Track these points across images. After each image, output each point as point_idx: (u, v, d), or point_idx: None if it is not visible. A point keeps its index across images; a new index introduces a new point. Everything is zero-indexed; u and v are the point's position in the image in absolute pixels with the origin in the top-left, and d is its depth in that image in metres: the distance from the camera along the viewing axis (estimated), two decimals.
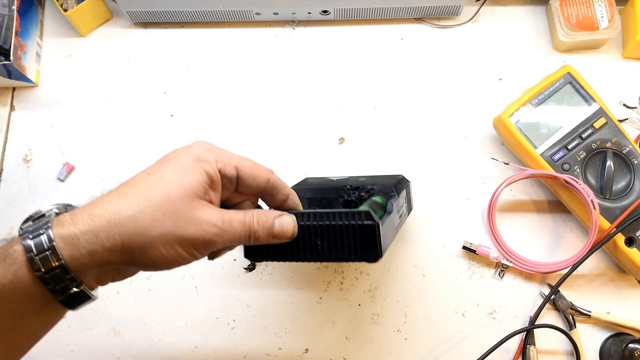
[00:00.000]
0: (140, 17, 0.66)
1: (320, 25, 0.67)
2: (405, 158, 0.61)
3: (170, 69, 0.66)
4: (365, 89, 0.64)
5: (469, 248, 0.57)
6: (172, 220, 0.34)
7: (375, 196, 0.47)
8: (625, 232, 0.54)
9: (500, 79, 0.64)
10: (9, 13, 0.61)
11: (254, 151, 0.62)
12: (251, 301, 0.57)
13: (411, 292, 0.57)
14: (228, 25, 0.67)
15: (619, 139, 0.56)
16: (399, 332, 0.56)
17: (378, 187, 0.49)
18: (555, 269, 0.55)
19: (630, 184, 0.55)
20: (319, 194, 0.50)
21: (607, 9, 0.61)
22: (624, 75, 0.63)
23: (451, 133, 0.62)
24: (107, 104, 0.65)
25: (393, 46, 0.66)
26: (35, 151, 0.63)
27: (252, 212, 0.39)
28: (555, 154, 0.56)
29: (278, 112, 0.64)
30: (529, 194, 0.60)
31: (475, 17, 0.66)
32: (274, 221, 0.39)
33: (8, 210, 0.61)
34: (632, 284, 0.57)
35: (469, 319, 0.57)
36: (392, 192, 0.48)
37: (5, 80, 0.62)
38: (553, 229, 0.59)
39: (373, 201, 0.46)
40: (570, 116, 0.56)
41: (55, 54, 0.67)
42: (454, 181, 0.61)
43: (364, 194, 0.49)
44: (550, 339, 0.55)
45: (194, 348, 0.57)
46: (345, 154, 0.62)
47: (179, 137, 0.63)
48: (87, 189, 0.61)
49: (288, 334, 0.56)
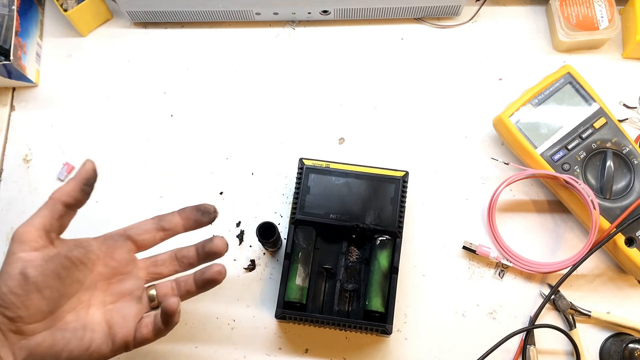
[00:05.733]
0: (140, 17, 0.66)
1: (320, 25, 0.67)
2: (405, 158, 0.61)
3: (170, 69, 0.66)
4: (365, 89, 0.64)
5: (469, 248, 0.57)
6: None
7: (381, 253, 0.53)
8: (625, 232, 0.54)
9: (500, 79, 0.64)
10: (9, 13, 0.61)
11: (254, 151, 0.62)
12: (251, 301, 0.57)
13: (411, 292, 0.57)
14: (228, 25, 0.67)
15: (619, 139, 0.56)
16: (399, 332, 0.56)
17: (382, 226, 0.54)
18: (555, 269, 0.55)
19: (630, 184, 0.55)
20: (324, 232, 0.55)
21: (607, 9, 0.61)
22: (624, 75, 0.63)
23: (451, 133, 0.62)
24: (107, 104, 0.65)
25: (393, 46, 0.66)
26: (35, 151, 0.63)
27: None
28: (555, 154, 0.56)
29: (278, 112, 0.64)
30: (529, 194, 0.60)
31: (475, 17, 0.66)
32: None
33: (8, 210, 0.61)
34: (632, 284, 0.57)
35: (469, 319, 0.57)
36: (397, 235, 0.54)
37: (5, 80, 0.62)
38: (553, 229, 0.59)
39: (380, 266, 0.53)
40: (570, 116, 0.56)
41: (55, 54, 0.67)
42: (454, 181, 0.61)
43: (369, 233, 0.54)
44: (550, 339, 0.55)
45: (193, 348, 0.57)
46: (345, 154, 0.62)
47: (179, 137, 0.63)
48: None
49: (288, 334, 0.56)
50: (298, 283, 0.53)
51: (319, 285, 0.55)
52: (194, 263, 0.49)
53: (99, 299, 0.46)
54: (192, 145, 0.63)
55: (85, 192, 0.44)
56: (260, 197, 0.61)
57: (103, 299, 0.46)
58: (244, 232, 0.60)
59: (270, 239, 0.54)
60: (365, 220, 0.54)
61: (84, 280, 0.45)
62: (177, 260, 0.49)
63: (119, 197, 0.61)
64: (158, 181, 0.62)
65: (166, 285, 0.48)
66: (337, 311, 0.54)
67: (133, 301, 0.46)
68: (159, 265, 0.48)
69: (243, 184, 0.61)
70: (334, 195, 0.55)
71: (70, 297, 0.44)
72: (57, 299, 0.42)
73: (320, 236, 0.55)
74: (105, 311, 0.46)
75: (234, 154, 0.62)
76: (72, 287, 0.43)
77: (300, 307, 0.53)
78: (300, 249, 0.54)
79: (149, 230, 0.47)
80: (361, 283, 0.54)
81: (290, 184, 0.61)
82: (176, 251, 0.49)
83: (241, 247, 0.59)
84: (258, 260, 0.59)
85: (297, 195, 0.55)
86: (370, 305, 0.52)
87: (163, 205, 0.61)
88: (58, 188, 0.44)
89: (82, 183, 0.43)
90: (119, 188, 0.61)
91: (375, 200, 0.54)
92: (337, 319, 0.52)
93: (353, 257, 0.55)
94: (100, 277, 0.46)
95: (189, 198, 0.61)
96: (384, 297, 0.52)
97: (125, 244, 0.47)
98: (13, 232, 0.42)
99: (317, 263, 0.55)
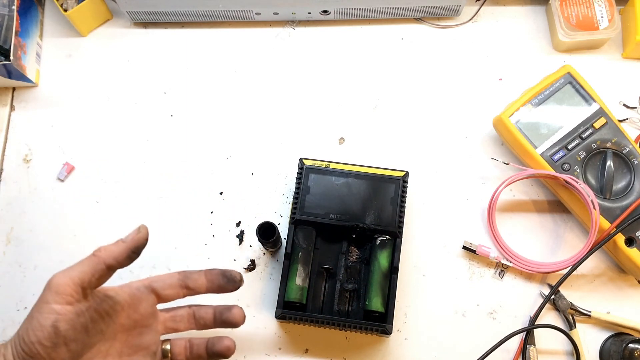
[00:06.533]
0: (140, 17, 0.66)
1: (320, 25, 0.67)
2: (405, 158, 0.61)
3: (170, 69, 0.66)
4: (365, 89, 0.64)
5: (469, 248, 0.57)
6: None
7: (381, 253, 0.53)
8: (625, 232, 0.54)
9: (500, 79, 0.64)
10: (9, 13, 0.61)
11: (254, 151, 0.62)
12: (251, 301, 0.57)
13: (411, 292, 0.57)
14: (228, 25, 0.67)
15: (619, 139, 0.56)
16: (399, 332, 0.56)
17: (382, 226, 0.54)
18: (555, 269, 0.55)
19: (630, 184, 0.55)
20: (324, 232, 0.55)
21: (607, 9, 0.61)
22: (624, 75, 0.63)
23: (451, 133, 0.62)
24: (107, 104, 0.65)
25: (393, 46, 0.66)
26: (35, 151, 0.63)
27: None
28: (555, 154, 0.56)
29: (278, 112, 0.64)
30: (529, 194, 0.60)
31: (475, 17, 0.66)
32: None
33: (8, 210, 0.61)
34: (632, 284, 0.57)
35: (469, 319, 0.57)
36: (397, 235, 0.54)
37: (5, 80, 0.62)
38: (553, 229, 0.59)
39: (380, 266, 0.53)
40: (570, 116, 0.56)
41: (55, 54, 0.67)
42: (454, 181, 0.61)
43: (369, 233, 0.54)
44: (550, 339, 0.55)
45: None
46: (345, 154, 0.62)
47: (179, 137, 0.63)
48: (87, 189, 0.61)
49: (288, 334, 0.56)
50: (298, 283, 0.53)
51: (319, 285, 0.55)
52: (210, 325, 0.49)
53: (117, 350, 0.46)
54: (192, 145, 0.63)
55: (131, 258, 0.43)
56: (260, 197, 0.61)
57: (120, 350, 0.46)
58: (244, 232, 0.60)
59: (270, 239, 0.54)
60: (365, 220, 0.54)
61: (107, 330, 0.45)
62: (194, 320, 0.49)
63: (119, 197, 0.61)
64: (158, 181, 0.62)
65: (181, 344, 0.49)
66: (337, 311, 0.54)
67: (148, 356, 0.47)
68: (177, 322, 0.49)
69: (243, 184, 0.61)
70: (334, 195, 0.55)
71: (92, 347, 0.44)
72: (80, 351, 0.42)
73: (320, 236, 0.55)
74: None
75: (234, 154, 0.62)
76: (95, 337, 0.44)
77: (300, 307, 0.53)
78: (300, 249, 0.54)
79: (173, 286, 0.48)
80: (361, 283, 0.54)
81: (290, 184, 0.61)
82: (195, 310, 0.50)
83: (241, 247, 0.59)
84: (258, 260, 0.59)
85: (297, 195, 0.55)
86: (370, 305, 0.52)
87: (163, 205, 0.61)
88: (105, 247, 0.43)
89: (132, 250, 0.43)
90: (119, 188, 0.61)
91: (375, 200, 0.54)
92: (337, 319, 0.52)
93: (353, 257, 0.55)
94: (122, 328, 0.46)
95: (189, 198, 0.61)
96: (384, 297, 0.52)
97: (149, 297, 0.47)
98: (49, 280, 0.41)
99: (317, 263, 0.55)
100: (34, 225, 0.60)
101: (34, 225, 0.60)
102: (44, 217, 0.60)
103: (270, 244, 0.55)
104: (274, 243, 0.55)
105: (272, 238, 0.54)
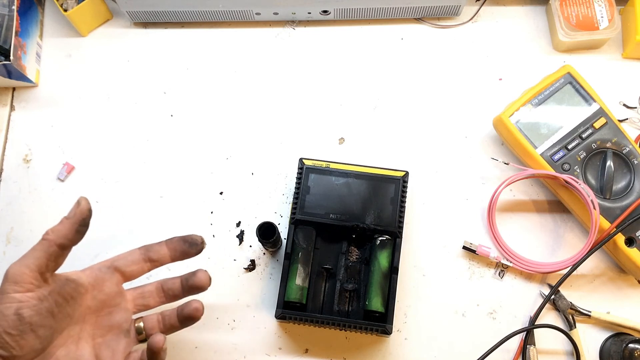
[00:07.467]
0: (140, 17, 0.66)
1: (320, 25, 0.67)
2: (405, 158, 0.61)
3: (170, 69, 0.66)
4: (365, 89, 0.64)
5: (469, 248, 0.57)
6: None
7: (381, 253, 0.53)
8: (625, 232, 0.54)
9: (500, 79, 0.64)
10: (9, 13, 0.61)
11: (254, 151, 0.62)
12: (251, 301, 0.57)
13: (411, 292, 0.57)
14: (228, 25, 0.67)
15: (619, 139, 0.56)
16: (399, 332, 0.56)
17: (382, 226, 0.54)
18: (555, 269, 0.55)
19: (630, 184, 0.55)
20: (323, 231, 0.55)
21: (607, 9, 0.61)
22: (624, 75, 0.63)
23: (451, 133, 0.62)
24: (107, 104, 0.65)
25: (393, 46, 0.66)
26: (35, 151, 0.63)
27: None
28: (555, 154, 0.56)
29: (278, 112, 0.64)
30: (529, 194, 0.60)
31: (475, 17, 0.66)
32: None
33: (8, 210, 0.61)
34: (632, 284, 0.57)
35: (469, 319, 0.57)
36: (397, 235, 0.54)
37: (5, 80, 0.62)
38: (553, 229, 0.59)
39: (380, 266, 0.53)
40: (570, 116, 0.56)
41: (55, 54, 0.67)
42: (454, 181, 0.61)
43: (369, 233, 0.54)
44: (550, 339, 0.55)
45: (193, 348, 0.57)
46: (345, 154, 0.62)
47: (179, 137, 0.63)
48: (87, 189, 0.61)
49: (288, 334, 0.56)
50: (298, 283, 0.53)
51: (319, 285, 0.55)
52: (179, 295, 0.49)
53: (88, 333, 0.46)
54: (192, 145, 0.63)
55: (80, 232, 0.43)
56: (260, 197, 0.61)
57: (92, 333, 0.46)
58: (244, 232, 0.60)
59: (270, 239, 0.54)
60: (365, 220, 0.54)
61: (74, 314, 0.45)
62: (163, 292, 0.49)
63: (119, 197, 0.61)
64: (158, 181, 0.62)
65: (153, 318, 0.49)
66: (337, 311, 0.54)
67: (121, 335, 0.47)
68: (146, 297, 0.49)
69: (243, 184, 0.61)
70: (334, 195, 0.55)
71: (61, 331, 0.44)
72: (49, 336, 0.42)
73: (320, 236, 0.55)
74: (94, 345, 0.46)
75: (234, 154, 0.62)
76: (63, 322, 0.44)
77: (300, 307, 0.53)
78: (300, 249, 0.54)
79: (136, 261, 0.48)
80: (361, 283, 0.54)
81: (290, 184, 0.61)
82: (162, 282, 0.50)
83: (241, 247, 0.59)
84: (258, 260, 0.59)
85: (297, 195, 0.55)
86: (370, 305, 0.52)
87: (163, 205, 0.61)
88: (52, 228, 0.43)
89: (78, 224, 0.43)
90: (119, 188, 0.61)
91: (375, 200, 0.54)
92: (337, 319, 0.52)
93: (353, 257, 0.55)
94: (89, 310, 0.46)
95: (189, 198, 0.61)
96: (384, 297, 0.52)
97: (113, 276, 0.47)
98: (6, 271, 0.41)
99: (317, 263, 0.55)
100: (34, 225, 0.60)
101: (34, 225, 0.60)
102: (44, 217, 0.60)
103: (270, 244, 0.55)
104: (274, 243, 0.55)
105: (272, 238, 0.54)
